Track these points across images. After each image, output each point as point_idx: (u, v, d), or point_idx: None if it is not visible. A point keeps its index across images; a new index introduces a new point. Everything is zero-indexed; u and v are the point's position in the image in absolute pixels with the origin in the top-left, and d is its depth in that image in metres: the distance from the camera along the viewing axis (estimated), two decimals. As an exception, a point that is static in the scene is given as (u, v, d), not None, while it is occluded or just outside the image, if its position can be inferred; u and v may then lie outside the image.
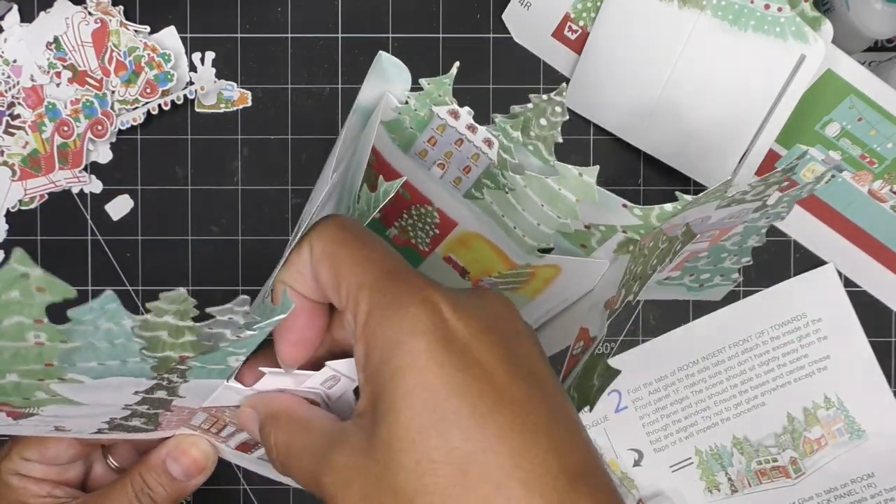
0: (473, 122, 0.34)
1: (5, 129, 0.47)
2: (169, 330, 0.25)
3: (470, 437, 0.23)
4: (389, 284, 0.26)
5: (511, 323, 0.27)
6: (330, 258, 0.27)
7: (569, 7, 0.47)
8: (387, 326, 0.25)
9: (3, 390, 0.26)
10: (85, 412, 0.29)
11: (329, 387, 0.30)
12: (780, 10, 0.43)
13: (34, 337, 0.24)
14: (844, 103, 0.45)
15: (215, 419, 0.33)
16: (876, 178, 0.47)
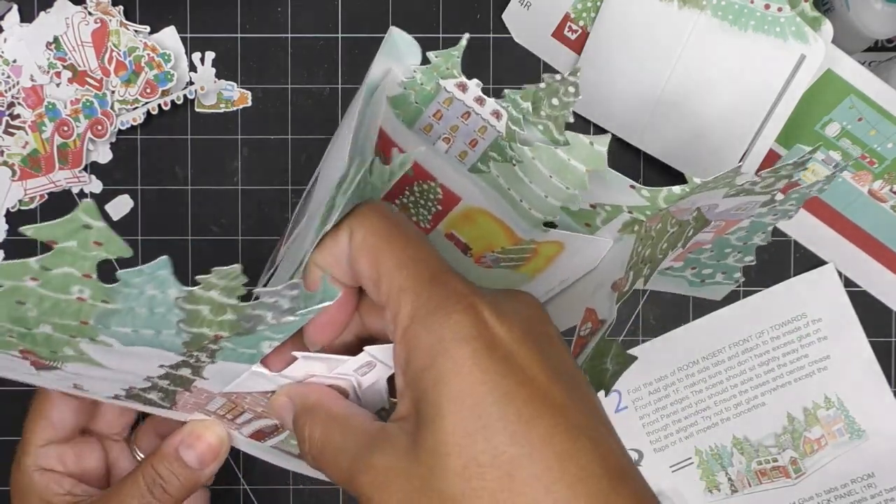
0: (482, 94, 0.34)
1: (5, 129, 0.47)
2: (212, 306, 0.25)
3: (516, 441, 0.24)
4: (433, 289, 0.26)
5: (544, 325, 0.27)
6: (372, 252, 0.27)
7: (569, 7, 0.47)
8: (430, 332, 0.25)
9: (33, 339, 0.25)
10: (106, 375, 0.29)
11: (363, 373, 0.29)
12: (780, 10, 0.43)
13: (78, 291, 0.23)
14: (844, 103, 0.45)
15: (233, 405, 0.33)
16: (876, 178, 0.47)
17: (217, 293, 0.24)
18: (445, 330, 0.25)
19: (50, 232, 0.22)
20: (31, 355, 0.27)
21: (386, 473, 0.25)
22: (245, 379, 0.29)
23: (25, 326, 0.25)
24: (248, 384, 0.30)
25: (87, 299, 0.24)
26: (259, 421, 0.34)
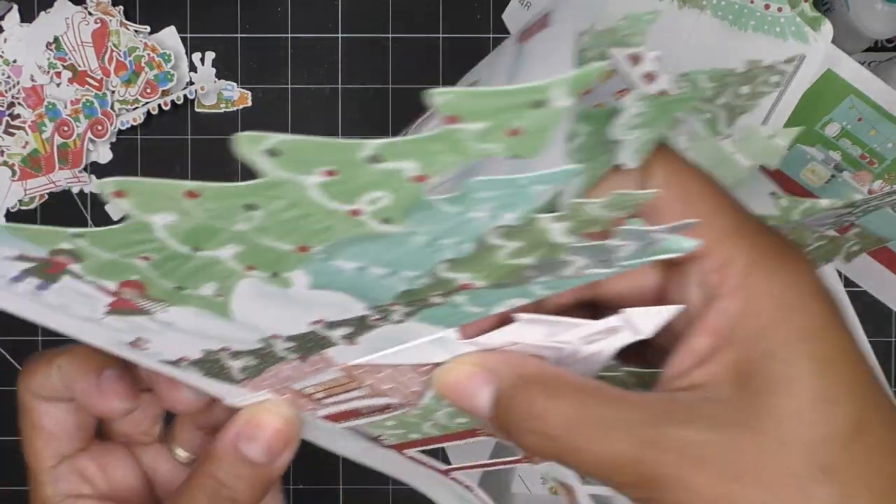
0: (654, 71, 0.29)
1: (5, 129, 0.47)
2: (531, 243, 0.20)
3: (878, 409, 0.21)
4: (767, 237, 0.22)
5: None
6: (684, 193, 0.22)
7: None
8: (779, 284, 0.21)
9: (172, 268, 0.20)
10: (201, 330, 0.24)
11: (591, 341, 0.24)
12: (780, 10, 0.43)
13: (368, 201, 0.18)
14: (844, 103, 0.45)
15: (346, 381, 0.28)
16: (876, 178, 0.47)
17: (564, 225, 0.19)
18: (798, 284, 0.21)
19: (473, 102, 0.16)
20: (133, 290, 0.22)
21: (703, 448, 0.21)
22: (413, 347, 0.25)
23: (196, 244, 0.20)
24: (407, 354, 0.25)
25: (366, 213, 0.19)
26: (364, 400, 0.29)
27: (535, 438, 0.23)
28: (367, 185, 0.18)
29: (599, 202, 0.19)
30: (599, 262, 0.21)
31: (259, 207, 0.18)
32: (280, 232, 0.19)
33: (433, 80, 0.48)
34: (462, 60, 0.48)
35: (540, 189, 0.18)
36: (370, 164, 0.17)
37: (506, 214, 0.19)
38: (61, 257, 0.19)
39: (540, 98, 0.15)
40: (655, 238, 0.20)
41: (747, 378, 0.21)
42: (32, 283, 0.20)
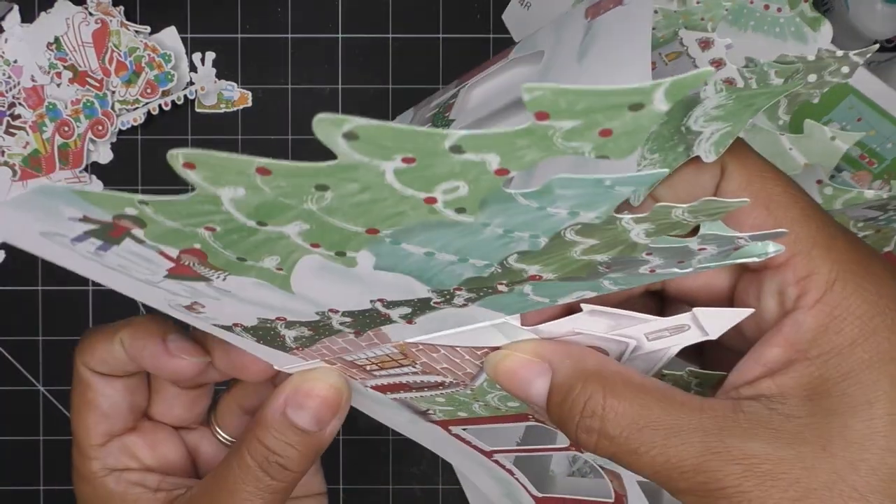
0: (725, 58, 0.28)
1: (6, 129, 0.47)
2: (609, 241, 0.19)
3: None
4: (851, 248, 0.21)
5: None
6: (765, 197, 0.21)
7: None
8: (865, 301, 0.20)
9: (237, 239, 0.20)
10: (264, 300, 0.24)
11: (657, 337, 0.24)
12: (779, 10, 0.43)
13: (443, 191, 0.18)
14: (844, 103, 0.45)
15: (400, 357, 0.27)
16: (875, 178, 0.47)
17: (645, 227, 0.19)
18: (887, 300, 0.20)
19: (568, 100, 0.15)
20: (194, 257, 0.21)
21: (769, 463, 0.20)
22: (473, 330, 0.24)
23: (263, 219, 0.19)
24: (466, 337, 0.25)
25: (441, 202, 0.18)
26: (416, 377, 0.28)
27: (592, 436, 0.22)
28: (445, 175, 0.17)
29: (684, 207, 0.18)
30: (676, 262, 0.20)
31: (330, 188, 0.18)
32: (350, 214, 0.19)
33: (433, 80, 0.48)
34: (462, 60, 0.48)
35: (624, 190, 0.17)
36: (452, 155, 0.17)
37: (586, 213, 0.18)
38: (124, 221, 0.19)
39: (640, 101, 0.15)
40: (739, 243, 0.19)
41: (822, 396, 0.21)
42: (94, 244, 0.21)
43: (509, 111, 0.30)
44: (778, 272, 0.21)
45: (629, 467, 0.22)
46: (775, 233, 0.18)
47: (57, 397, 0.49)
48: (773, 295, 0.22)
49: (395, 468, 0.49)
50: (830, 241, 0.21)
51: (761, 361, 0.22)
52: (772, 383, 0.21)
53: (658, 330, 0.23)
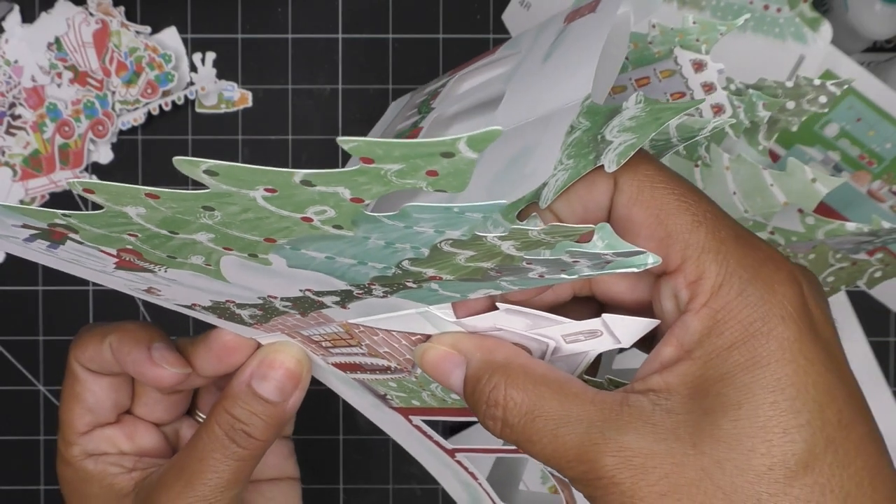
0: (715, 82, 0.29)
1: (6, 129, 0.48)
2: (484, 252, 0.20)
3: (831, 448, 0.21)
4: (744, 252, 0.22)
5: (827, 303, 0.23)
6: (657, 205, 0.22)
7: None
8: (748, 304, 0.21)
9: (159, 244, 0.22)
10: (208, 287, 0.25)
11: (574, 340, 0.25)
12: (779, 10, 0.43)
13: (315, 212, 0.19)
14: (844, 104, 0.45)
15: (347, 337, 0.28)
16: (875, 179, 0.47)
17: (511, 243, 0.20)
18: (767, 304, 0.21)
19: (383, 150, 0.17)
20: (130, 255, 0.23)
21: (647, 458, 0.21)
22: (399, 317, 0.25)
23: (172, 230, 0.21)
24: (396, 324, 0.26)
25: (317, 221, 0.20)
26: (364, 358, 0.29)
27: (497, 424, 0.24)
28: (308, 202, 0.19)
29: (538, 230, 0.19)
30: (559, 270, 0.21)
31: (216, 209, 0.20)
32: (244, 227, 0.20)
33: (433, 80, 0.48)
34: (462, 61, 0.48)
35: (474, 215, 0.19)
36: (305, 187, 0.18)
37: (450, 231, 0.20)
38: (59, 228, 0.21)
39: (449, 150, 0.17)
40: (607, 258, 0.20)
41: (701, 395, 0.21)
42: (43, 244, 0.22)
43: (477, 111, 0.31)
44: (672, 277, 0.22)
45: (529, 454, 0.23)
46: (635, 251, 0.19)
47: (57, 397, 0.49)
48: (669, 298, 0.23)
49: (395, 468, 0.49)
50: (720, 246, 0.22)
51: (656, 358, 0.23)
52: (660, 379, 0.22)
53: (573, 333, 0.24)
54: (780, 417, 0.20)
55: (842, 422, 0.21)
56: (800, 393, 0.21)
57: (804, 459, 0.20)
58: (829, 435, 0.21)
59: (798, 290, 0.21)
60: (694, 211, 0.22)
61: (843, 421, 0.21)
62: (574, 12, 0.29)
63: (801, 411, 0.20)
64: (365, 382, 0.31)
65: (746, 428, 0.20)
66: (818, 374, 0.21)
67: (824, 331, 0.22)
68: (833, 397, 0.21)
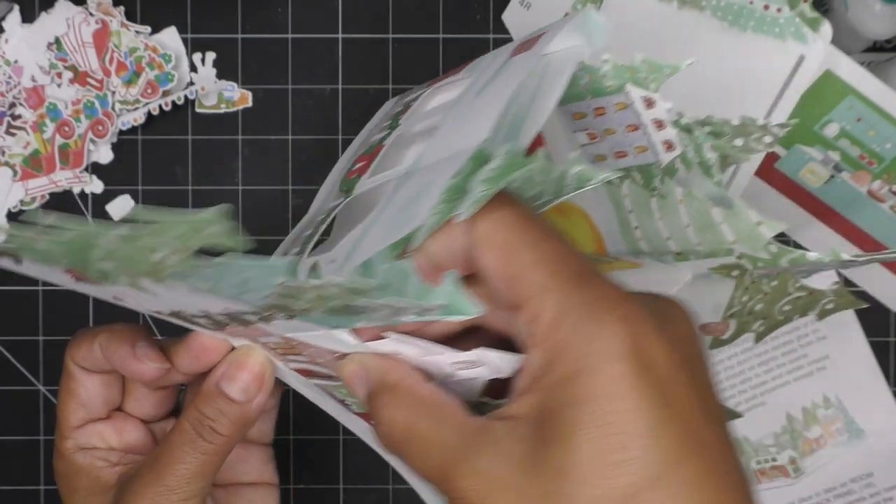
0: (665, 120, 0.30)
1: (6, 129, 0.48)
2: (318, 295, 0.22)
3: (659, 483, 0.21)
4: (582, 290, 0.23)
5: (696, 346, 0.25)
6: (504, 247, 0.24)
7: (568, 7, 0.47)
8: (579, 341, 0.22)
9: (85, 268, 0.23)
10: (154, 299, 0.26)
11: (459, 368, 0.26)
12: (779, 10, 0.43)
13: (160, 257, 0.22)
14: (843, 104, 0.45)
15: (290, 347, 0.30)
16: (875, 179, 0.47)
17: (340, 290, 0.22)
18: (597, 342, 0.22)
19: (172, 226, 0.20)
20: (76, 273, 0.25)
21: (494, 483, 0.22)
22: (317, 335, 0.27)
23: (84, 259, 0.23)
24: (317, 340, 0.27)
25: (165, 263, 0.22)
26: (313, 366, 0.31)
27: (385, 440, 0.26)
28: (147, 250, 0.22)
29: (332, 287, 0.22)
30: (392, 314, 0.23)
31: (95, 246, 0.22)
32: (126, 262, 0.23)
33: (433, 81, 0.48)
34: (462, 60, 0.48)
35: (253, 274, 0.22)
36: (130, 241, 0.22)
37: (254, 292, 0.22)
38: (7, 250, 0.23)
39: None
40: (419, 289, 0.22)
41: (541, 425, 0.23)
42: (8, 260, 0.24)
43: (418, 137, 0.32)
44: (519, 313, 0.24)
45: (411, 471, 0.25)
46: (438, 305, 0.22)
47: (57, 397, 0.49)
48: (521, 332, 0.24)
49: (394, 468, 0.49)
50: (561, 285, 0.23)
51: (514, 388, 0.24)
52: (514, 406, 0.24)
53: (458, 362, 0.26)
54: (607, 451, 0.21)
55: (671, 459, 0.22)
56: (627, 428, 0.22)
57: (630, 493, 0.21)
58: (657, 471, 0.21)
59: (630, 328, 0.22)
60: (540, 251, 0.24)
61: (672, 458, 0.22)
62: (521, 45, 0.31)
63: (627, 447, 0.21)
64: (325, 388, 0.33)
65: (576, 460, 0.22)
66: (646, 412, 0.22)
67: (659, 369, 0.22)
68: (662, 434, 0.22)
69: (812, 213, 0.48)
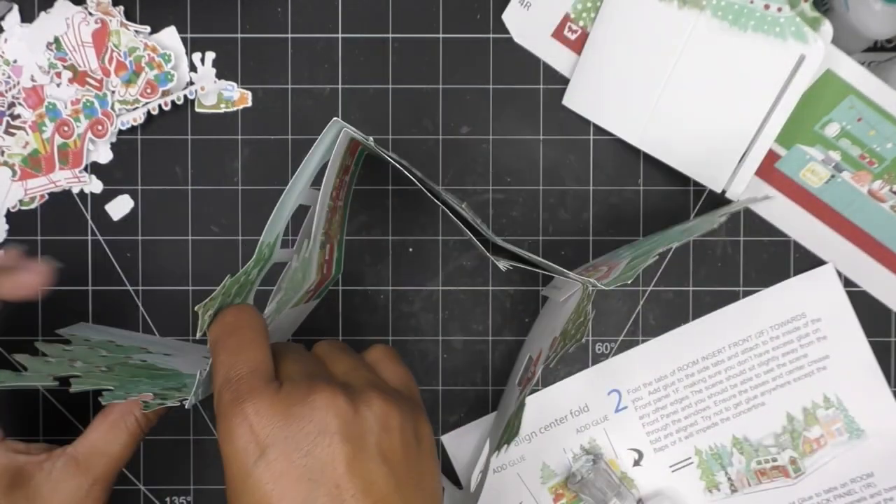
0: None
1: (6, 129, 0.47)
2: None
3: None
4: None
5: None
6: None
7: (569, 7, 0.47)
8: None
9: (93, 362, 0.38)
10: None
11: None
12: (779, 10, 0.43)
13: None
14: (844, 103, 0.45)
15: None
16: (876, 178, 0.47)
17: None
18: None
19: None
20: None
21: None
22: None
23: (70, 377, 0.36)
24: None
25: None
26: None
27: None
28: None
29: None
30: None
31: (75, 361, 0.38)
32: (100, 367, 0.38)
33: (433, 80, 0.48)
34: (462, 60, 0.48)
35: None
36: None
37: None
38: None
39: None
40: None
41: None
42: None
43: None
44: None
45: None
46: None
47: (57, 397, 0.49)
48: None
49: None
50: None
51: None
52: None
53: None
54: None
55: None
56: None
57: None
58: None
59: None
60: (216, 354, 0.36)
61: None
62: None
63: None
64: None
65: None
66: None
67: None
68: None
69: (812, 213, 0.48)
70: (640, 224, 0.48)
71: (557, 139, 0.48)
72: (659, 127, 0.46)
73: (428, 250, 0.49)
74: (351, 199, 0.48)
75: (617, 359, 0.49)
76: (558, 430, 0.49)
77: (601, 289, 0.37)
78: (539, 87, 0.48)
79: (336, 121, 0.36)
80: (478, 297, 0.49)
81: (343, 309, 0.49)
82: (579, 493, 0.48)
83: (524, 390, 0.39)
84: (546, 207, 0.48)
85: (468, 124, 0.48)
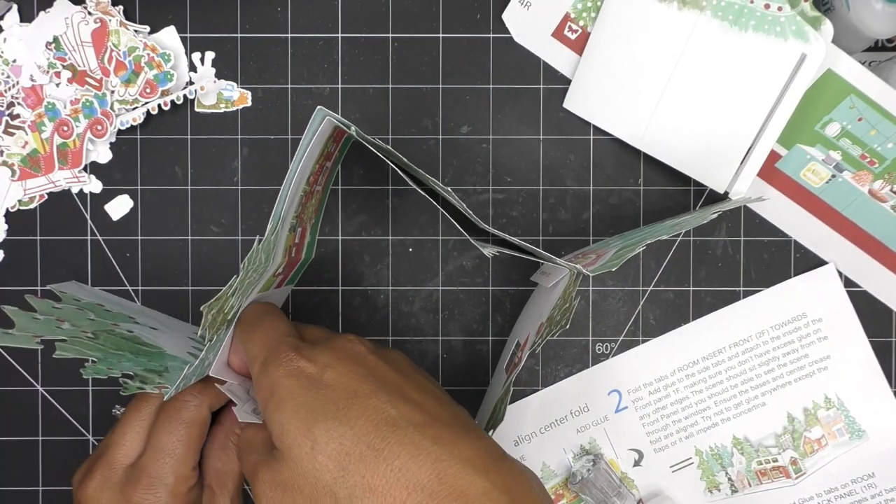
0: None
1: (5, 128, 0.47)
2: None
3: None
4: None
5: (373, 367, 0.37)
6: (237, 348, 0.40)
7: (569, 7, 0.47)
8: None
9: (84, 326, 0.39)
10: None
11: (252, 410, 0.40)
12: (780, 9, 0.43)
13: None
14: (845, 103, 0.45)
15: None
16: (876, 178, 0.47)
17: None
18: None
19: None
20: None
21: None
22: None
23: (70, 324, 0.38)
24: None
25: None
26: None
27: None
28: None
29: None
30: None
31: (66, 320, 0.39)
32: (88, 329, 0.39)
33: (433, 80, 0.48)
34: (462, 60, 0.48)
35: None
36: None
37: None
38: None
39: None
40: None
41: None
42: None
43: None
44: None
45: None
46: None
47: (56, 397, 0.49)
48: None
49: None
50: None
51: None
52: None
53: (247, 410, 0.39)
54: None
55: None
56: None
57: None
58: None
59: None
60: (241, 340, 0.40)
61: None
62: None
63: None
64: None
65: None
66: None
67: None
68: None
69: (813, 213, 0.48)
70: (640, 224, 0.48)
71: (557, 139, 0.48)
72: (660, 128, 0.46)
73: (428, 250, 0.49)
74: (330, 185, 0.48)
75: (617, 359, 0.49)
76: (558, 430, 0.49)
77: (587, 274, 0.38)
78: (539, 86, 0.48)
79: (321, 109, 0.36)
80: (478, 297, 0.49)
81: (343, 309, 0.48)
82: (579, 493, 0.48)
83: (510, 376, 0.41)
84: (546, 207, 0.48)
85: (468, 124, 0.48)
